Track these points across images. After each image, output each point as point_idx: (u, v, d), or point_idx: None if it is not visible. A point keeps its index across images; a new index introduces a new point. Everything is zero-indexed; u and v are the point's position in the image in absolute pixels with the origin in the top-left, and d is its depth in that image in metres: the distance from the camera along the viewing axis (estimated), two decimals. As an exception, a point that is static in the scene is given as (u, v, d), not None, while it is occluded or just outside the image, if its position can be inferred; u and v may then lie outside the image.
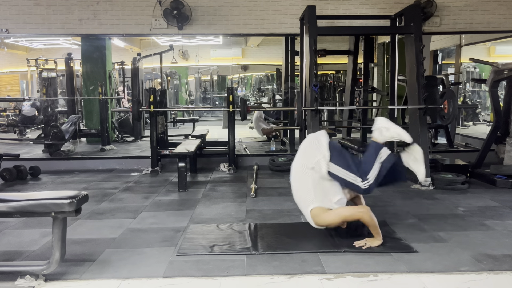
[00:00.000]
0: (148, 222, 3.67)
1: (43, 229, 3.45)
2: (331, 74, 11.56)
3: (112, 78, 8.48)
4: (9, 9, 6.00)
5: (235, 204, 4.24)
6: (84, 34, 6.30)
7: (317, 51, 5.16)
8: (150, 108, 5.89)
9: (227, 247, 3.04)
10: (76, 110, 8.28)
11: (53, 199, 2.39)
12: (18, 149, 7.65)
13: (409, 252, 2.91)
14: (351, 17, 6.04)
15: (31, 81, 9.24)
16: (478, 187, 4.88)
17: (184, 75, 11.78)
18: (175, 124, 10.07)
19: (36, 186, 5.30)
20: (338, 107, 9.43)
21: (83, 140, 8.20)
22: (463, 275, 2.56)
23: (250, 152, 7.19)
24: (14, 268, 2.54)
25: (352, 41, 7.35)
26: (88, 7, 5.99)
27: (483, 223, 3.55)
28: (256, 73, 12.43)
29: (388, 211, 3.93)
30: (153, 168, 5.94)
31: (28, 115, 8.91)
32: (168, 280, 2.53)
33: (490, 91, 5.36)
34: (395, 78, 6.10)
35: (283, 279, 2.53)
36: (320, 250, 2.94)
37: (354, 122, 8.03)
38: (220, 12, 6.12)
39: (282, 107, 8.58)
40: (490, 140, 5.34)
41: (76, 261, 2.82)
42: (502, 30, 6.31)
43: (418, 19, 5.23)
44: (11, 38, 7.25)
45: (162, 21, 6.00)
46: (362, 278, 2.52)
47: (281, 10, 6.15)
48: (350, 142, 5.87)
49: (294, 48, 7.47)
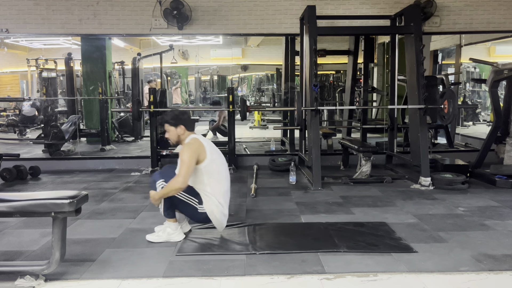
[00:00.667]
0: (148, 222, 3.67)
1: (43, 229, 3.45)
2: (331, 74, 11.56)
3: (112, 78, 8.48)
4: (9, 9, 6.01)
5: (235, 204, 4.24)
6: (84, 34, 6.30)
7: (317, 51, 5.17)
8: (150, 108, 5.89)
9: (227, 247, 3.04)
10: (76, 110, 8.28)
11: (53, 199, 2.39)
12: (18, 149, 7.65)
13: (409, 252, 2.91)
14: (351, 17, 6.04)
15: (31, 81, 9.23)
16: (478, 187, 4.88)
17: (184, 75, 11.78)
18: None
19: (36, 186, 5.30)
20: (338, 107, 9.43)
21: (83, 140, 8.20)
22: (463, 275, 2.56)
23: (250, 152, 7.19)
24: (14, 268, 2.54)
25: (352, 41, 7.36)
26: (88, 7, 5.99)
27: (483, 223, 3.55)
28: (256, 73, 12.43)
29: (388, 211, 3.93)
30: (153, 168, 5.94)
31: (28, 115, 8.91)
32: (168, 280, 2.53)
33: (490, 91, 5.36)
34: (395, 78, 6.10)
35: (283, 279, 2.53)
36: (320, 250, 2.94)
37: (354, 122, 8.03)
38: (220, 12, 6.12)
39: (282, 107, 8.57)
40: (490, 140, 5.34)
41: (76, 261, 2.82)
42: (502, 30, 6.31)
43: (418, 19, 5.23)
44: (11, 38, 7.24)
45: (162, 21, 6.00)
46: (362, 278, 2.52)
47: (281, 10, 6.15)
48: (350, 142, 5.88)
49: (294, 48, 7.46)
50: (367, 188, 4.89)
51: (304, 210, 4.01)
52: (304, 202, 4.29)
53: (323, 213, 3.91)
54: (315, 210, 4.02)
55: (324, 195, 4.60)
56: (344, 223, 3.58)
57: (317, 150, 5.09)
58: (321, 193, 4.69)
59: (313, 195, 4.61)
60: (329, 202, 4.31)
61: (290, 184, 5.12)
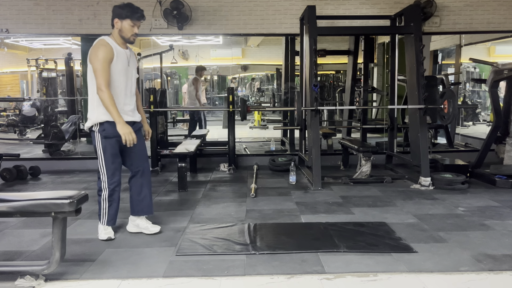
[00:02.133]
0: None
1: (43, 229, 3.45)
2: (331, 74, 11.56)
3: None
4: (9, 9, 6.01)
5: (235, 204, 4.24)
6: (84, 34, 6.30)
7: (317, 51, 5.17)
8: (150, 108, 5.89)
9: (227, 247, 3.04)
10: (76, 110, 8.28)
11: (53, 199, 2.39)
12: (18, 149, 7.65)
13: (409, 252, 2.91)
14: (351, 17, 6.04)
15: (31, 81, 9.24)
16: (478, 187, 4.88)
17: (184, 75, 11.77)
18: (175, 124, 10.06)
19: (36, 186, 5.30)
20: (338, 107, 9.42)
21: (83, 140, 8.19)
22: (463, 275, 2.56)
23: (250, 152, 7.19)
24: (14, 268, 2.54)
25: (352, 41, 7.35)
26: (88, 7, 5.99)
27: (483, 223, 3.55)
28: (256, 73, 12.43)
29: (388, 211, 3.94)
30: (153, 168, 5.94)
31: (28, 115, 8.90)
32: (168, 280, 2.53)
33: (490, 91, 5.36)
34: (395, 78, 6.10)
35: (283, 279, 2.53)
36: (320, 250, 2.94)
37: (354, 122, 8.02)
38: (220, 12, 6.12)
39: (282, 107, 8.57)
40: (490, 140, 5.34)
41: (76, 261, 2.82)
42: (502, 30, 6.31)
43: (418, 19, 5.23)
44: (11, 38, 7.24)
45: (162, 21, 6.01)
46: (362, 278, 2.52)
47: (281, 10, 6.15)
48: (350, 142, 5.88)
49: (294, 48, 7.46)
50: (367, 188, 4.89)
51: (304, 210, 4.01)
52: (304, 202, 4.29)
53: (323, 213, 3.91)
54: (315, 210, 4.02)
55: (324, 195, 4.60)
56: (344, 223, 3.58)
57: (317, 150, 5.09)
58: (321, 193, 4.69)
59: (313, 195, 4.61)
60: (329, 202, 4.31)
61: (290, 184, 5.12)
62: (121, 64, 3.16)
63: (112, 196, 3.22)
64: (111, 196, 3.22)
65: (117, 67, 3.13)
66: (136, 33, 3.23)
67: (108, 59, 3.07)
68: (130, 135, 3.06)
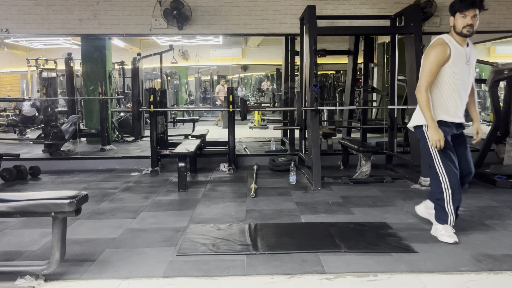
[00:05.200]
0: (148, 222, 3.67)
1: (43, 229, 3.45)
2: (331, 74, 11.57)
3: (112, 78, 8.48)
4: (9, 9, 6.00)
5: (235, 204, 4.24)
6: (84, 34, 6.30)
7: (317, 51, 5.17)
8: (150, 108, 5.89)
9: (227, 247, 3.04)
10: (76, 110, 8.28)
11: (53, 199, 2.39)
12: (18, 149, 7.65)
13: (409, 252, 2.91)
14: (351, 17, 6.04)
15: (31, 81, 9.25)
16: (478, 187, 4.88)
17: (184, 75, 11.79)
18: (175, 124, 10.08)
19: (36, 186, 5.30)
20: (338, 107, 9.44)
21: (83, 140, 8.21)
22: (463, 275, 2.56)
23: (250, 152, 7.19)
24: (14, 268, 2.54)
25: (352, 41, 7.35)
26: (88, 7, 5.99)
27: (483, 223, 3.55)
28: (256, 73, 12.44)
29: (388, 211, 3.93)
30: (153, 168, 5.94)
31: (28, 115, 8.91)
32: (168, 280, 2.53)
33: (490, 91, 5.36)
34: (395, 78, 6.10)
35: (283, 279, 2.53)
36: (320, 250, 2.94)
37: (354, 122, 8.03)
38: (220, 12, 6.12)
39: (282, 107, 8.58)
40: (490, 140, 5.34)
41: (76, 261, 2.82)
42: (502, 30, 6.31)
43: (418, 19, 5.23)
44: (11, 38, 7.25)
45: (162, 21, 6.00)
46: (362, 278, 2.52)
47: (281, 10, 6.15)
48: (350, 142, 5.88)
49: (294, 48, 7.47)
50: (367, 188, 4.89)
51: (304, 210, 4.01)
52: (304, 202, 4.29)
53: (323, 213, 3.91)
54: (315, 210, 4.02)
55: (324, 195, 4.60)
56: (344, 223, 3.58)
57: (317, 150, 5.09)
58: (321, 193, 4.69)
59: (313, 195, 4.61)
60: (329, 202, 4.31)
61: (290, 184, 5.12)
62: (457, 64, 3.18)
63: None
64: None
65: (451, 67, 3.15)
66: (470, 23, 3.18)
67: (439, 61, 3.10)
68: (439, 142, 3.06)
